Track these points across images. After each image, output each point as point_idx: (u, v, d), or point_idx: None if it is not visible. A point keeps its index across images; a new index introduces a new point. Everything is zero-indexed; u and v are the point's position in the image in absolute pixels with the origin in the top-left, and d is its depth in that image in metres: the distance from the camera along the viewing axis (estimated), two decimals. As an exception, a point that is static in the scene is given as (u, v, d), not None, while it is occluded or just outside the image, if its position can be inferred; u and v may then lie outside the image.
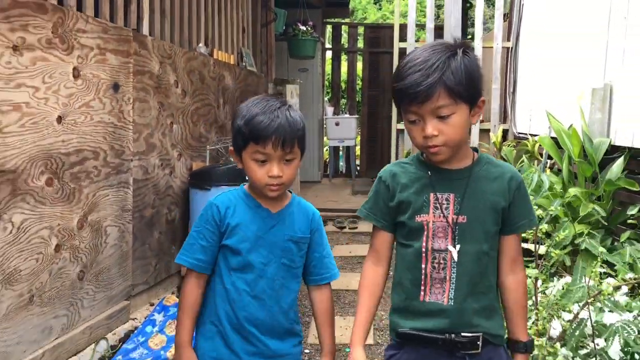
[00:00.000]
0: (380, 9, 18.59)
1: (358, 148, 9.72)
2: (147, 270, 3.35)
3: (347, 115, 9.01)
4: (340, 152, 9.54)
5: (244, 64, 5.12)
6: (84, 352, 2.69)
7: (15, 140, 2.24)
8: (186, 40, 4.07)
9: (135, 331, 3.02)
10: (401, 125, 6.15)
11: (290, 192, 1.67)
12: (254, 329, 1.54)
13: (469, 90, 1.35)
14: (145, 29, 3.42)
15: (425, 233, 1.43)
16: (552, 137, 3.97)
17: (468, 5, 7.40)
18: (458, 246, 1.41)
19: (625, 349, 1.82)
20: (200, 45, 4.25)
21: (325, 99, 9.74)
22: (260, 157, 1.50)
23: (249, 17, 5.50)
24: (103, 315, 2.87)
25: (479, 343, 1.42)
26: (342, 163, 9.78)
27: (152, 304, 3.41)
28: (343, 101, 10.23)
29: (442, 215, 1.42)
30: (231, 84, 4.73)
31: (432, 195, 1.44)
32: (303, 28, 6.66)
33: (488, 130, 5.74)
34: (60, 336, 2.54)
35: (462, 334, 1.41)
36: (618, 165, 3.25)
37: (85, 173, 2.69)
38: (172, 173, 3.68)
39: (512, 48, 5.71)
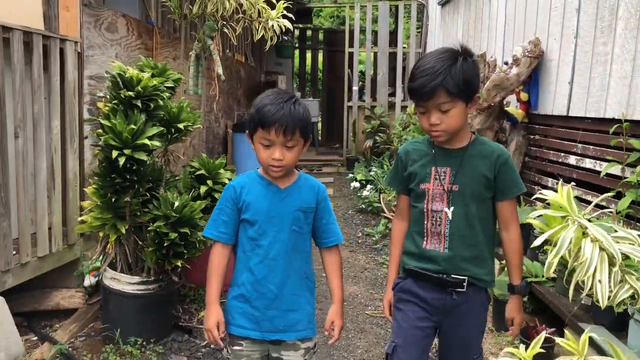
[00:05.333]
0: (335, 1, 20.27)
1: (319, 124, 12.59)
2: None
3: (311, 99, 11.82)
4: (306, 127, 12.39)
5: (249, 61, 7.93)
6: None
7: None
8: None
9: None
10: (350, 103, 9.13)
11: (298, 171, 1.87)
12: (272, 286, 1.77)
13: (465, 91, 1.65)
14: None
15: (427, 197, 1.76)
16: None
17: (393, 22, 10.40)
18: (452, 208, 1.73)
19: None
20: (227, 51, 7.03)
21: (294, 85, 12.57)
22: (265, 142, 1.70)
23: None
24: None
25: (464, 284, 1.74)
26: (307, 136, 12.63)
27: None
28: (307, 87, 13.08)
29: (440, 184, 1.74)
30: (243, 75, 7.54)
31: (433, 168, 1.76)
32: (286, 38, 9.52)
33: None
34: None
35: (452, 275, 1.74)
36: None
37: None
38: (219, 126, 6.48)
39: (422, 52, 8.71)
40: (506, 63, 4.43)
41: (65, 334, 3.13)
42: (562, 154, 3.93)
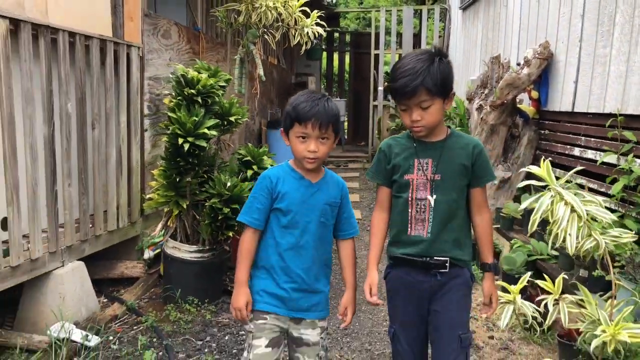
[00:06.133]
0: (361, 3, 19.05)
1: (346, 123, 13.08)
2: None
3: (338, 99, 12.31)
4: (333, 126, 12.90)
5: (280, 63, 8.46)
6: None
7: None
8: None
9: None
10: (376, 102, 9.60)
11: (324, 168, 2.01)
12: (299, 271, 1.92)
13: (442, 88, 1.79)
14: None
15: (411, 187, 1.89)
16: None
17: (417, 28, 10.83)
18: (434, 196, 1.87)
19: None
20: (262, 54, 7.57)
21: (322, 86, 13.08)
22: (302, 135, 1.85)
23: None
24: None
25: (447, 265, 1.88)
26: (333, 135, 13.14)
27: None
28: (334, 88, 13.58)
29: (423, 174, 1.88)
30: (275, 76, 8.07)
31: (416, 160, 1.89)
32: (316, 41, 10.07)
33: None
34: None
35: (435, 257, 1.88)
36: None
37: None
38: (254, 123, 7.01)
39: (444, 54, 9.12)
40: (519, 64, 4.85)
41: (131, 296, 3.68)
42: (568, 147, 4.35)
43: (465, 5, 7.98)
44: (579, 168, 2.52)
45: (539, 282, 2.15)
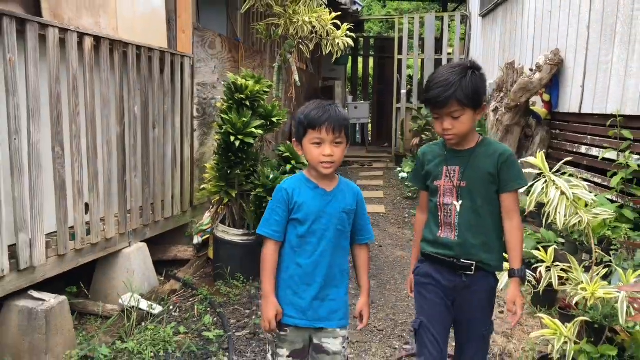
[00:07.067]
0: (384, 7, 19.68)
1: (370, 125, 13.54)
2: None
3: (362, 102, 12.80)
4: (357, 128, 13.38)
5: (309, 69, 8.98)
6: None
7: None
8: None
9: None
10: (399, 105, 10.06)
11: (338, 175, 2.06)
12: (319, 279, 1.95)
13: (474, 100, 1.88)
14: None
15: (439, 193, 2.00)
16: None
17: (439, 31, 11.25)
18: (460, 202, 1.96)
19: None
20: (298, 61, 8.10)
21: (347, 89, 13.58)
22: (317, 140, 1.89)
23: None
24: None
25: (473, 268, 1.97)
26: (357, 136, 13.61)
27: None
28: (359, 91, 14.06)
29: (450, 181, 1.99)
30: (304, 81, 8.56)
31: (445, 167, 2.01)
32: (347, 50, 10.61)
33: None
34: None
35: (462, 260, 1.97)
36: None
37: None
38: (285, 125, 7.51)
39: (464, 58, 9.54)
40: (531, 69, 5.28)
41: (184, 275, 4.23)
42: (576, 145, 4.77)
43: (485, 12, 8.40)
44: (568, 159, 2.98)
45: (534, 252, 2.60)
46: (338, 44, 4.81)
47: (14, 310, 2.83)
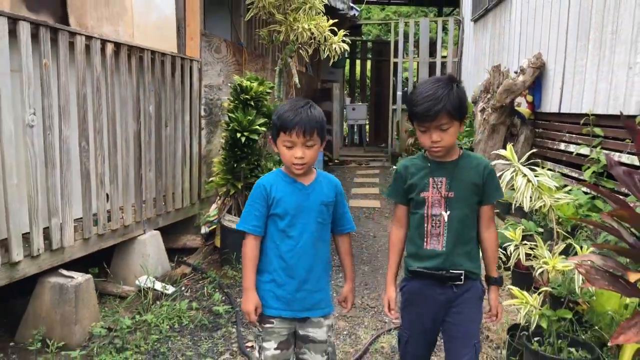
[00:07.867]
0: (383, 9, 20.29)
1: (368, 126, 13.93)
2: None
3: (360, 103, 13.20)
4: (355, 129, 13.78)
5: (308, 71, 9.36)
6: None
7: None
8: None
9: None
10: (395, 106, 10.44)
11: (315, 169, 2.07)
12: (301, 271, 1.98)
13: (460, 112, 1.92)
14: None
15: (427, 204, 2.01)
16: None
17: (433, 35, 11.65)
18: (448, 212, 1.99)
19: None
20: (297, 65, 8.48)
21: (345, 91, 13.97)
22: (288, 143, 1.91)
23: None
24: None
25: (462, 277, 1.99)
26: (355, 137, 14.01)
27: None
28: (357, 93, 14.45)
29: (438, 192, 2.00)
30: (304, 83, 8.93)
31: (431, 179, 2.02)
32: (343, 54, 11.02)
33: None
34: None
35: (451, 270, 1.99)
36: None
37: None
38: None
39: (457, 61, 9.93)
40: (516, 72, 5.66)
41: (194, 261, 4.60)
42: (556, 142, 5.15)
43: (476, 17, 8.79)
44: (533, 150, 3.32)
45: (504, 232, 2.98)
46: (335, 48, 5.19)
47: (47, 286, 3.20)
